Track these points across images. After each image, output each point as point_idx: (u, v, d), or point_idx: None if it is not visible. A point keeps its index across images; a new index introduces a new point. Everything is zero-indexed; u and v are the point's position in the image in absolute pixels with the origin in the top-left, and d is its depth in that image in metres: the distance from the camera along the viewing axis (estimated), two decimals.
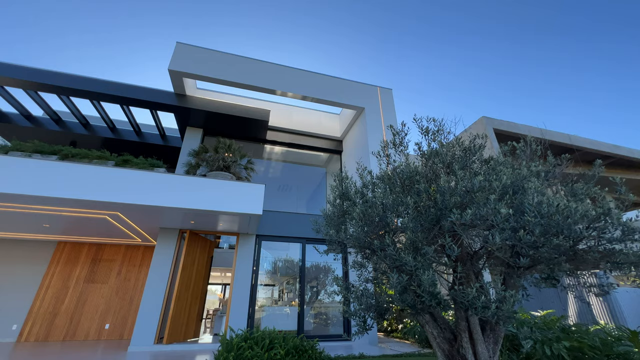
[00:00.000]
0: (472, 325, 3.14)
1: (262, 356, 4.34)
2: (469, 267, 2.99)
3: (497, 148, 8.79)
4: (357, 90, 9.32)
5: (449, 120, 2.89)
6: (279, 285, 9.19)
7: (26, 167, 5.04)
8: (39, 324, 7.90)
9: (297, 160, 11.12)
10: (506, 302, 2.08)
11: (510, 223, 2.13)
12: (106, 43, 30.49)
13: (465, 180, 2.22)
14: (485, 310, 2.10)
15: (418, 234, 2.38)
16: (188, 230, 7.40)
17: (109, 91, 7.42)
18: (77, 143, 9.22)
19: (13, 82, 7.08)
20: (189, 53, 7.82)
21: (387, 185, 2.87)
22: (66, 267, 8.60)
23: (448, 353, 3.33)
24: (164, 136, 9.74)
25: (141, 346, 6.10)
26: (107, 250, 9.08)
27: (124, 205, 5.55)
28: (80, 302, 8.35)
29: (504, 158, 3.46)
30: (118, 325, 8.40)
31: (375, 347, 6.91)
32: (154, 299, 6.55)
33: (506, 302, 2.08)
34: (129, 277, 8.93)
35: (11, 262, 8.37)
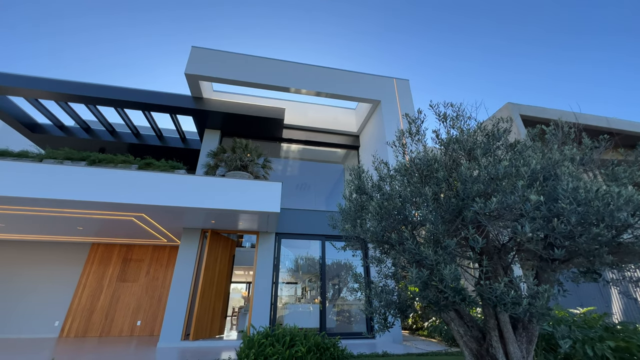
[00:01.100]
0: (502, 323, 2.93)
1: (283, 353, 4.34)
2: (497, 261, 2.79)
3: (524, 134, 8.27)
4: (373, 83, 9.10)
5: (469, 105, 2.69)
6: (301, 283, 9.20)
7: (57, 173, 5.36)
8: (78, 321, 8.43)
9: (315, 158, 11.07)
10: (539, 297, 1.89)
11: (542, 211, 1.94)
12: (125, 50, 31.97)
13: (489, 166, 2.05)
14: (515, 306, 1.93)
15: (438, 226, 2.23)
16: (210, 230, 7.57)
17: (130, 98, 7.74)
18: (105, 149, 9.71)
19: (46, 94, 7.55)
20: (204, 56, 7.97)
21: (404, 176, 2.73)
22: (100, 267, 9.11)
23: (476, 352, 3.14)
24: (184, 139, 10.03)
25: (169, 342, 6.32)
26: (136, 250, 9.52)
27: (148, 206, 5.75)
28: (114, 300, 8.82)
29: (533, 143, 3.20)
30: (149, 322, 8.78)
31: (399, 346, 6.73)
32: (179, 297, 6.76)
33: (539, 297, 1.89)
34: (156, 276, 9.31)
35: (51, 263, 8.98)
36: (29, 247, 9.05)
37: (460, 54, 31.10)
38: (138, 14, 21.06)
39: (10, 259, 8.89)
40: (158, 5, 22.09)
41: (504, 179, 1.96)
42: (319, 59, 51.46)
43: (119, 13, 21.51)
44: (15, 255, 8.95)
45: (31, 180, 5.23)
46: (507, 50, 28.45)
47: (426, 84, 37.19)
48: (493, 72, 33.85)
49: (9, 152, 5.89)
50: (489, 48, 28.76)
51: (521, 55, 30.63)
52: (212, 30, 30.85)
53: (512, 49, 28.32)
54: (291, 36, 33.73)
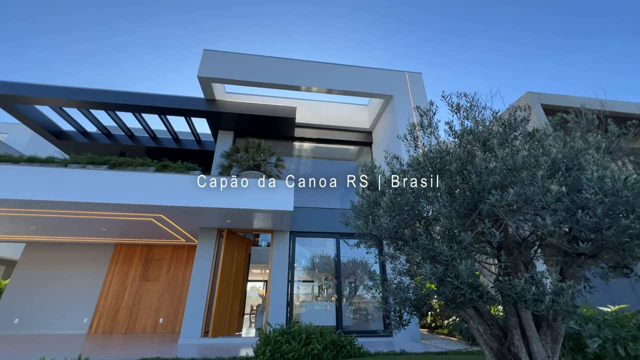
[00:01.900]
0: (524, 321, 2.81)
1: (299, 351, 4.35)
2: (517, 256, 2.67)
3: (545, 124, 7.89)
4: (384, 77, 8.95)
5: (483, 95, 2.58)
6: (317, 282, 9.22)
7: (80, 177, 5.60)
8: (105, 318, 8.81)
9: (327, 156, 11.03)
10: (563, 294, 1.79)
11: (564, 203, 1.83)
12: (139, 56, 33.02)
13: (506, 157, 1.95)
14: (537, 303, 1.83)
15: (453, 221, 2.15)
16: (225, 230, 7.70)
17: (147, 103, 7.98)
18: (125, 153, 10.08)
19: (68, 102, 7.92)
20: (215, 59, 8.10)
21: (416, 171, 2.66)
22: (123, 267, 9.48)
23: (497, 351, 3.03)
24: (199, 141, 10.24)
25: (190, 339, 6.50)
26: (156, 250, 9.83)
27: (165, 207, 5.92)
28: (137, 298, 9.16)
29: (554, 131, 3.04)
30: (170, 319, 9.06)
31: (417, 344, 6.62)
32: (198, 295, 6.93)
33: (563, 294, 1.79)
34: (176, 275, 9.59)
35: (79, 263, 9.44)
36: (58, 248, 9.54)
37: (475, 45, 30.08)
38: (148, 19, 21.71)
39: (42, 260, 9.41)
40: (169, 9, 22.70)
41: (522, 169, 1.86)
42: (329, 55, 51.20)
43: (130, 20, 22.23)
44: (46, 256, 9.46)
45: (57, 184, 5.50)
46: (525, 40, 27.28)
47: (441, 76, 36.26)
48: (511, 63, 32.54)
49: (37, 158, 6.21)
50: (505, 38, 27.64)
51: (540, 44, 29.26)
52: (223, 31, 31.35)
53: (529, 39, 27.10)
54: (299, 33, 33.78)
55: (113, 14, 19.78)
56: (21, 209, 6.05)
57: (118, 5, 22.29)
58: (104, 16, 19.58)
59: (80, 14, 20.08)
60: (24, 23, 21.24)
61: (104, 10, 19.91)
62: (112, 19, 19.68)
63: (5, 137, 13.59)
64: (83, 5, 22.52)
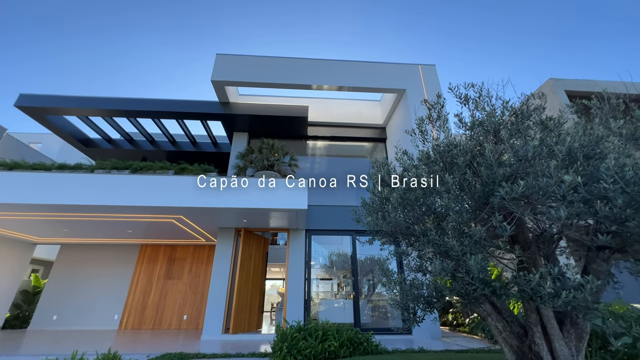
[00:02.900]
0: (545, 318, 2.70)
1: (315, 347, 4.40)
2: (535, 251, 2.56)
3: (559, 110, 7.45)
4: (396, 71, 8.79)
5: (494, 84, 2.48)
6: (335, 279, 9.24)
7: (105, 182, 5.93)
8: (133, 315, 9.28)
9: (342, 153, 11.00)
10: (583, 289, 1.71)
11: (581, 194, 1.74)
12: (152, 59, 34.25)
13: (517, 148, 1.88)
14: (553, 299, 1.76)
15: (463, 215, 2.10)
16: (243, 229, 7.88)
17: (164, 108, 8.29)
18: (147, 158, 10.52)
19: (93, 112, 8.37)
20: (228, 62, 8.27)
21: (426, 166, 2.62)
22: (149, 266, 9.93)
23: (517, 350, 2.93)
24: (215, 143, 10.52)
25: (211, 335, 6.72)
26: (179, 250, 10.22)
27: (184, 208, 6.14)
28: (162, 296, 9.57)
29: (576, 118, 2.89)
30: (194, 316, 9.40)
31: (438, 342, 6.49)
32: (218, 293, 7.15)
33: (583, 289, 1.71)
34: (198, 274, 9.93)
35: (109, 262, 9.98)
36: (89, 249, 10.14)
37: (494, 33, 28.83)
38: (161, 22, 22.42)
39: (76, 260, 10.04)
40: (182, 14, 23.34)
41: (534, 160, 1.79)
42: (342, 52, 50.66)
43: (142, 26, 23.06)
44: (79, 256, 10.08)
45: (85, 189, 5.85)
46: (544, 29, 25.85)
47: (458, 67, 35.06)
48: (532, 51, 30.94)
49: (67, 165, 6.62)
50: (522, 26, 26.30)
51: (563, 30, 27.59)
52: (235, 31, 31.84)
53: (552, 25, 25.63)
54: (307, 32, 33.74)
55: (122, 22, 20.73)
56: (54, 213, 6.49)
57: (126, 13, 23.21)
58: (114, 22, 20.55)
59: (90, 22, 21.13)
60: (38, 30, 22.63)
61: (114, 17, 20.85)
62: (122, 25, 20.60)
63: (40, 147, 14.60)
64: (91, 14, 23.65)
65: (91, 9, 25.25)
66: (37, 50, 27.06)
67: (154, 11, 25.40)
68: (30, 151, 11.81)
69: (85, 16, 24.01)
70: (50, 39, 29.46)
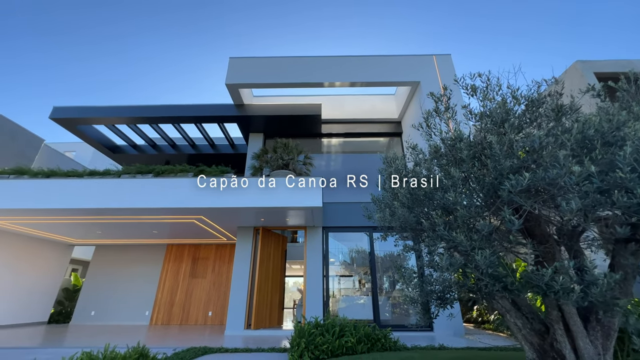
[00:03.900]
0: (566, 314, 2.57)
1: (333, 343, 4.45)
2: (553, 244, 2.45)
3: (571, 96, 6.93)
4: (410, 64, 8.59)
5: (504, 71, 2.38)
6: (355, 276, 9.24)
7: (131, 186, 6.28)
8: (162, 311, 9.79)
9: (357, 149, 10.91)
10: (598, 284, 1.62)
11: (595, 184, 1.65)
12: (169, 64, 35.62)
13: (524, 138, 1.81)
14: (567, 295, 1.68)
15: (471, 210, 2.05)
16: (261, 228, 8.06)
17: (183, 113, 8.63)
18: (170, 161, 11.00)
19: (118, 120, 8.87)
20: (240, 65, 8.46)
21: (433, 159, 2.57)
22: (175, 265, 10.41)
23: (538, 347, 2.82)
24: (233, 145, 10.80)
25: (234, 331, 6.96)
26: (202, 249, 10.63)
27: (203, 209, 6.39)
28: (188, 293, 10.01)
29: (601, 102, 2.71)
30: (218, 312, 9.76)
31: (460, 339, 6.33)
32: (239, 290, 7.37)
33: (598, 284, 1.62)
34: (221, 272, 10.28)
35: (139, 262, 10.57)
36: (121, 250, 10.78)
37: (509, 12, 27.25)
38: (175, 29, 23.18)
39: (109, 260, 10.72)
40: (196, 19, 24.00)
41: (542, 150, 1.71)
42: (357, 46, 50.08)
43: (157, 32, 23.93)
44: (112, 256, 10.75)
45: (112, 193, 6.24)
46: None
47: (479, 52, 33.53)
48: (560, 30, 28.95)
49: (96, 171, 7.08)
50: None
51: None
52: (255, 30, 32.33)
53: None
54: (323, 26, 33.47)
55: (138, 26, 21.75)
56: (86, 216, 6.97)
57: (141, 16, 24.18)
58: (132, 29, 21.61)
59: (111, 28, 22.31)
60: (56, 37, 24.02)
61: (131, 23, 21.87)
62: (140, 32, 21.63)
63: (74, 155, 15.67)
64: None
65: (106, 18, 26.60)
66: (67, 61, 29.13)
67: (167, 18, 26.36)
68: (66, 159, 12.70)
69: (104, 23, 25.32)
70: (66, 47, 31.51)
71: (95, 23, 25.55)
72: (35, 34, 30.86)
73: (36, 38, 29.99)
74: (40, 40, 31.65)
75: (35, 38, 31.38)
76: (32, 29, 28.65)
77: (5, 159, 9.62)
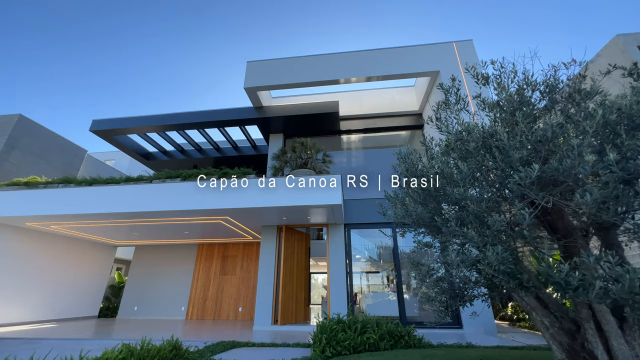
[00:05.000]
0: (598, 313, 2.40)
1: (355, 339, 4.47)
2: (577, 238, 2.29)
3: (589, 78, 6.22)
4: (428, 53, 8.29)
5: (520, 56, 2.24)
6: (383, 272, 9.17)
7: (161, 190, 6.73)
8: (196, 307, 10.37)
9: (377, 145, 10.75)
10: (622, 279, 1.51)
11: (615, 173, 1.53)
12: (187, 69, 37.15)
13: (535, 128, 1.71)
14: (586, 292, 1.58)
15: (482, 204, 1.98)
16: (284, 226, 8.25)
17: (206, 119, 9.02)
18: (197, 165, 11.56)
19: (149, 128, 9.47)
20: (258, 68, 8.66)
21: (443, 153, 2.50)
22: (206, 263, 10.97)
23: (568, 347, 2.65)
24: (255, 147, 11.11)
25: (262, 326, 7.22)
26: (230, 248, 11.09)
27: (228, 210, 6.67)
28: (219, 290, 10.51)
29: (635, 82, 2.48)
30: (248, 308, 10.16)
31: (492, 337, 6.08)
32: (266, 287, 7.62)
33: (622, 279, 1.51)
34: (249, 269, 10.67)
35: (174, 261, 11.27)
36: (158, 250, 11.56)
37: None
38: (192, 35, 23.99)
39: (148, 259, 11.54)
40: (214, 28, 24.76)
41: (554, 139, 1.61)
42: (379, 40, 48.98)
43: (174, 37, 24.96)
44: (150, 256, 11.56)
45: (144, 197, 6.72)
46: None
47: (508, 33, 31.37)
48: None
49: (131, 178, 7.64)
50: None
51: None
52: (256, 38, 32.87)
53: None
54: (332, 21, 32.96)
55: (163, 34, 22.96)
56: (124, 219, 7.56)
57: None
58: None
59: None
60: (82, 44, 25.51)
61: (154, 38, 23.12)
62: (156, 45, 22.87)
63: (113, 163, 16.99)
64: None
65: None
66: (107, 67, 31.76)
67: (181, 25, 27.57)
68: (106, 167, 13.79)
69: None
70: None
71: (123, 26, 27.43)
72: (62, 50, 33.63)
73: (64, 51, 32.63)
74: (63, 49, 34.38)
75: (63, 51, 34.09)
76: (62, 44, 31.25)
77: (56, 169, 10.66)
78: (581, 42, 17.55)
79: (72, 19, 29.45)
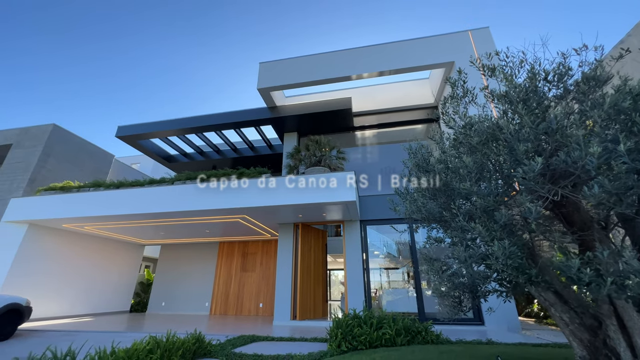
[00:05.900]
0: (620, 309, 2.31)
1: (370, 335, 4.51)
2: (597, 232, 2.20)
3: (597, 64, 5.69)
4: (442, 43, 8.06)
5: (530, 44, 2.17)
6: (402, 269, 9.10)
7: (181, 191, 7.03)
8: (219, 302, 10.76)
9: (392, 140, 10.60)
10: (635, 275, 1.46)
11: (627, 164, 1.47)
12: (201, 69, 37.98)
13: (539, 120, 1.67)
14: (598, 287, 1.54)
15: (489, 198, 1.96)
16: (300, 224, 8.37)
17: (223, 121, 9.28)
18: (216, 166, 11.93)
19: (169, 132, 9.88)
20: (270, 69, 8.78)
21: (452, 147, 2.48)
22: (227, 261, 11.34)
23: (589, 344, 2.56)
24: (270, 146, 11.30)
25: (281, 321, 7.40)
26: (250, 245, 11.40)
27: (245, 208, 6.87)
28: (240, 286, 10.84)
29: None
30: (268, 304, 10.41)
31: (515, 334, 5.91)
32: (284, 283, 7.79)
33: (635, 275, 1.46)
34: (268, 266, 10.92)
35: (197, 258, 11.74)
36: (182, 248, 12.08)
37: None
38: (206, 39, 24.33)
39: (173, 257, 12.09)
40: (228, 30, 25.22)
41: (560, 130, 1.57)
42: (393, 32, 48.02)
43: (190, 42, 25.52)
44: (175, 254, 12.11)
45: (167, 198, 7.06)
46: None
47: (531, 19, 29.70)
48: None
49: (154, 180, 8.05)
50: None
51: None
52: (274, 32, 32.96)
53: None
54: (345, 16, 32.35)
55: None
56: (149, 220, 7.97)
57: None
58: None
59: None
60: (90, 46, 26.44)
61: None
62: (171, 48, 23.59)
63: (139, 166, 17.87)
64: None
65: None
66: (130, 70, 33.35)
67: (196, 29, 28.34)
68: (132, 171, 14.52)
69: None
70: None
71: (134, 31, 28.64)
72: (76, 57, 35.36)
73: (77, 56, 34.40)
74: (75, 53, 36.17)
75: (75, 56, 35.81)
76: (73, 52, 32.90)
77: (86, 174, 11.36)
78: (611, 21, 15.95)
79: (80, 23, 31.12)
